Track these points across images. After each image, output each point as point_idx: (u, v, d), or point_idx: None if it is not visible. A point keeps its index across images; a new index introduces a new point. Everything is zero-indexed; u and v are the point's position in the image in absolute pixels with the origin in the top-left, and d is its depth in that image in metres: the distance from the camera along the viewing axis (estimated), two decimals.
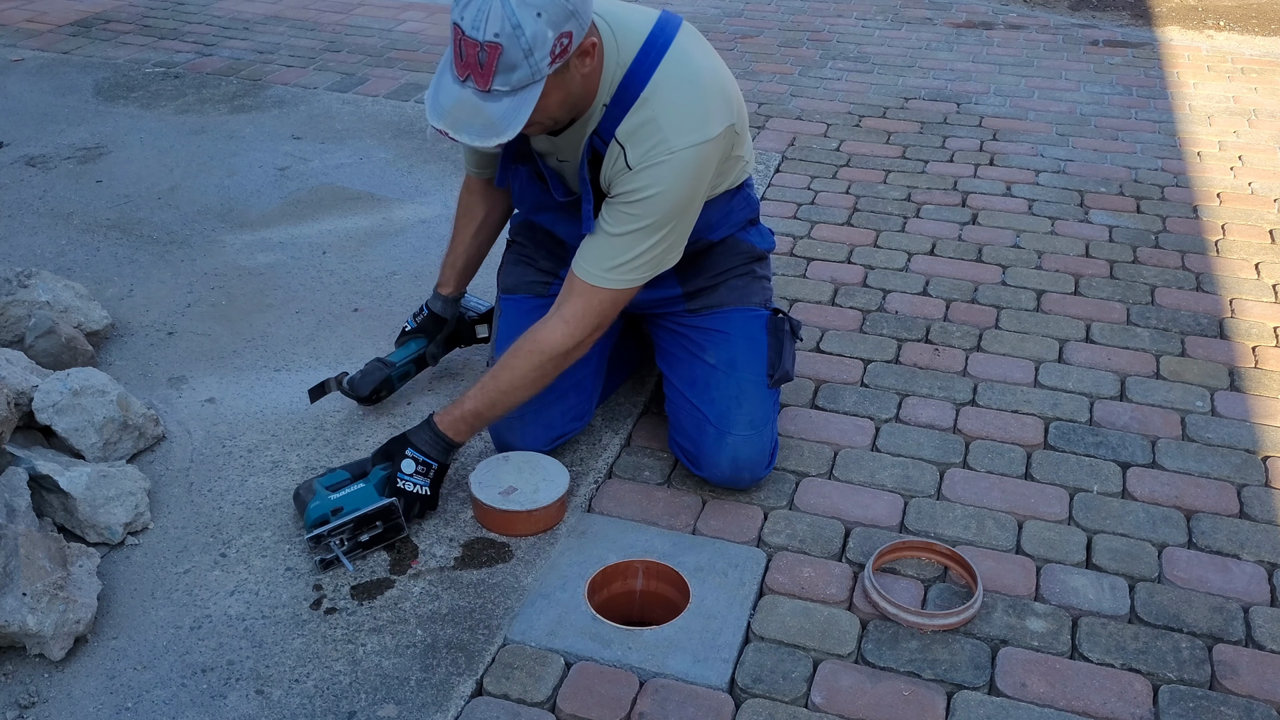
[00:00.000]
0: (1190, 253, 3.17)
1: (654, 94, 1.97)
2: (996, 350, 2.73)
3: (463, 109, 1.85)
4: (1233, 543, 2.16)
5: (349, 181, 3.50)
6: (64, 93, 4.09)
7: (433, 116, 1.88)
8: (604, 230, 2.05)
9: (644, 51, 1.99)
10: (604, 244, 2.05)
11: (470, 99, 1.84)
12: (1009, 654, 1.91)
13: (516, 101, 1.83)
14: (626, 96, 1.98)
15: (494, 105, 1.83)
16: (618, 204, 2.03)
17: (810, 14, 5.16)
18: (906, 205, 3.42)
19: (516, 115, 1.84)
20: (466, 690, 1.83)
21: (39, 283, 2.54)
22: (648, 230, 2.02)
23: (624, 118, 1.98)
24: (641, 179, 1.98)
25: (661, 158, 1.97)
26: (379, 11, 5.07)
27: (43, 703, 1.79)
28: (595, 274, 2.06)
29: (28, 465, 2.06)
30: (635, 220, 2.01)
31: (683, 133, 1.97)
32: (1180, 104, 4.18)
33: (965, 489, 2.29)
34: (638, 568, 2.07)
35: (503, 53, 1.78)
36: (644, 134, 1.97)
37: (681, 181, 2.00)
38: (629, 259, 2.04)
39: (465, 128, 1.86)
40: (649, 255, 2.05)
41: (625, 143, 1.98)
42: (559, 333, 2.07)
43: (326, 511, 2.06)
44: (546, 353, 2.08)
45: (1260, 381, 2.62)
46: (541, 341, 2.08)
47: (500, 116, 1.84)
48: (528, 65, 1.80)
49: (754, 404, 2.22)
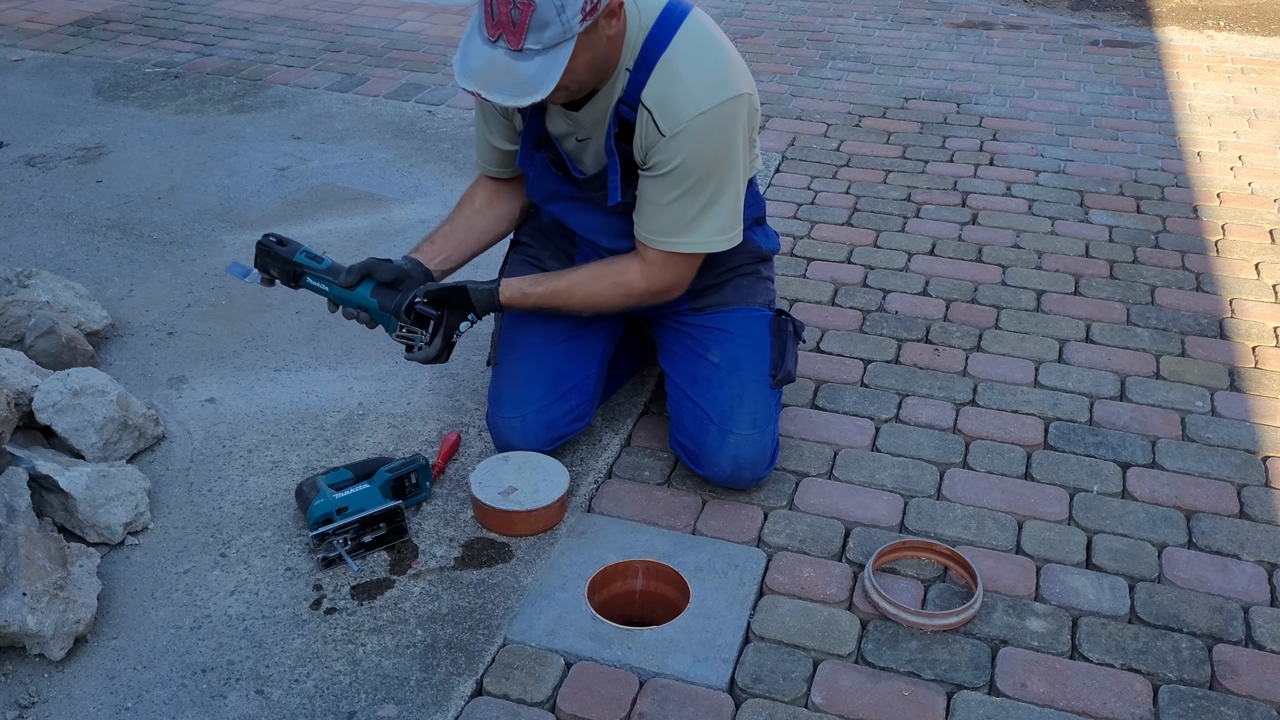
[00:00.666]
0: (1190, 253, 3.17)
1: (675, 54, 1.99)
2: (996, 350, 2.73)
3: (494, 69, 1.85)
4: (1233, 543, 2.16)
5: (349, 181, 3.50)
6: (64, 93, 4.09)
7: (462, 78, 1.88)
8: (650, 201, 2.08)
9: (664, 16, 2.01)
10: (656, 214, 2.08)
11: (501, 59, 1.84)
12: (1009, 654, 1.91)
13: (549, 60, 1.84)
14: (649, 59, 1.99)
15: (526, 64, 1.83)
16: (656, 175, 2.05)
17: (810, 14, 5.16)
18: (906, 205, 3.42)
19: (549, 74, 1.84)
20: (466, 690, 1.83)
21: (39, 283, 2.54)
22: (693, 191, 2.04)
23: (648, 81, 1.99)
24: (674, 145, 2.00)
25: (689, 120, 1.98)
26: (379, 11, 5.07)
27: (43, 703, 1.79)
28: (660, 240, 2.11)
29: (28, 465, 2.06)
30: (678, 185, 2.04)
31: (708, 91, 1.99)
32: (1180, 104, 4.18)
33: (965, 489, 2.29)
34: (638, 568, 2.07)
35: (536, 9, 1.79)
36: (669, 96, 1.98)
37: (713, 140, 2.02)
38: (687, 222, 2.08)
39: (497, 87, 1.86)
40: (706, 216, 2.08)
41: (653, 107, 1.99)
42: (638, 281, 2.16)
43: (331, 510, 2.06)
44: (625, 289, 2.17)
45: (1260, 381, 2.62)
46: (622, 281, 2.16)
47: (532, 75, 1.84)
48: (560, 22, 1.81)
49: (756, 403, 2.22)
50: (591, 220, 2.26)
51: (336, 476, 2.13)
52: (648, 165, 2.06)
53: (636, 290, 2.16)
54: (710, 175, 2.05)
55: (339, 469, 2.16)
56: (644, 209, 2.10)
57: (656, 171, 2.04)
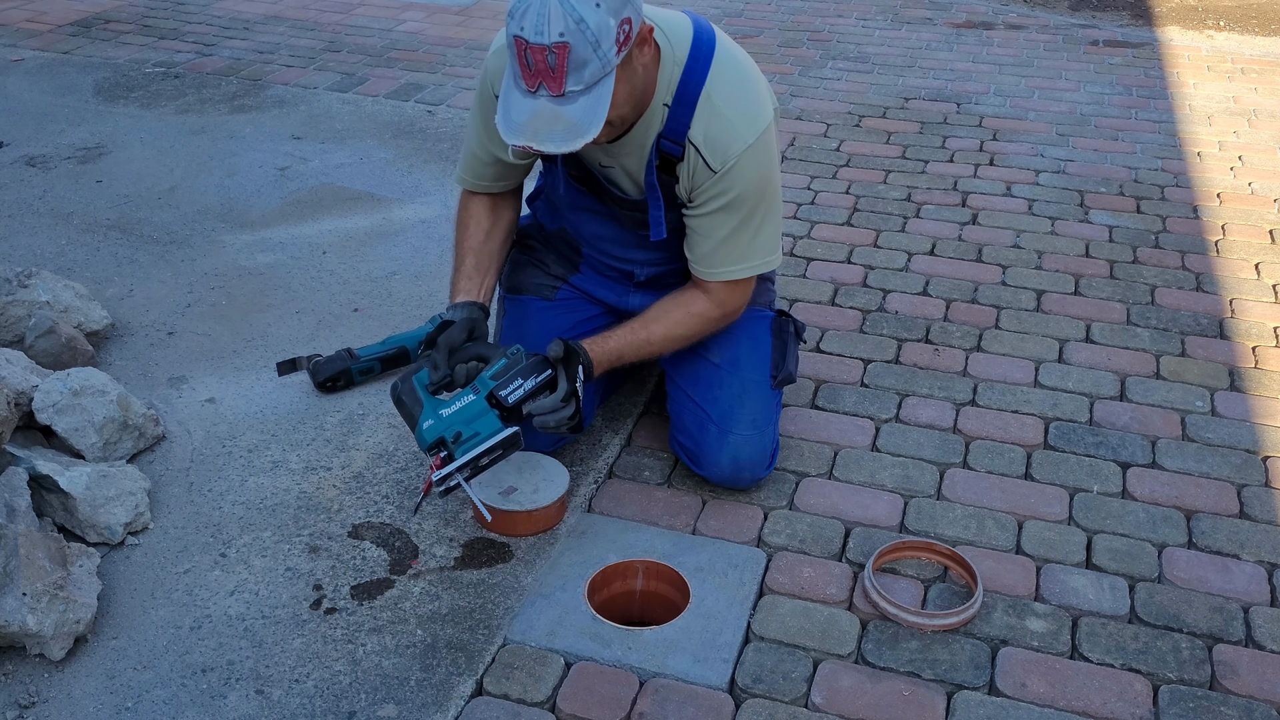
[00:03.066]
0: (1190, 253, 3.17)
1: (715, 88, 1.99)
2: (996, 350, 2.73)
3: (540, 119, 1.83)
4: (1233, 543, 2.16)
5: (349, 181, 3.50)
6: (64, 93, 4.09)
7: (510, 135, 1.85)
8: (706, 236, 2.09)
9: (695, 48, 2.01)
10: (715, 250, 2.10)
11: (546, 107, 1.82)
12: (1009, 654, 1.91)
13: (593, 99, 1.82)
14: (689, 94, 1.99)
15: (571, 107, 1.82)
16: (711, 210, 2.06)
17: (810, 14, 5.16)
18: (906, 205, 3.42)
19: (596, 112, 1.83)
20: (466, 690, 1.83)
21: (39, 283, 2.54)
22: (746, 221, 2.07)
23: (692, 117, 1.99)
24: (727, 181, 2.02)
25: (738, 155, 2.00)
26: (379, 11, 5.07)
27: (43, 703, 1.79)
28: (720, 272, 2.12)
29: (28, 465, 2.06)
30: (733, 217, 2.06)
31: (750, 123, 2.01)
32: (1180, 104, 4.18)
33: (965, 489, 2.28)
34: (638, 568, 2.07)
35: (571, 50, 1.77)
36: (716, 133, 1.99)
37: (762, 167, 2.05)
38: (742, 249, 2.10)
39: (547, 136, 1.84)
40: (761, 239, 2.11)
41: (701, 145, 2.00)
42: (712, 309, 2.18)
43: (445, 435, 1.95)
44: (701, 319, 2.18)
45: (1260, 381, 2.62)
46: (697, 312, 2.17)
47: (580, 117, 1.82)
48: (598, 58, 1.79)
49: (756, 404, 2.22)
50: (606, 231, 2.26)
51: (425, 376, 2.00)
52: (696, 201, 2.06)
53: (712, 317, 2.18)
54: (761, 202, 2.08)
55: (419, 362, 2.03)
56: (698, 244, 2.11)
57: (709, 207, 2.05)
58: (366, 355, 2.53)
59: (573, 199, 2.25)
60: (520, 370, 2.03)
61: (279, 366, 2.52)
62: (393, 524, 2.16)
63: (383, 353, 2.54)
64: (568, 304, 2.37)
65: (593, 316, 2.36)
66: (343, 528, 2.15)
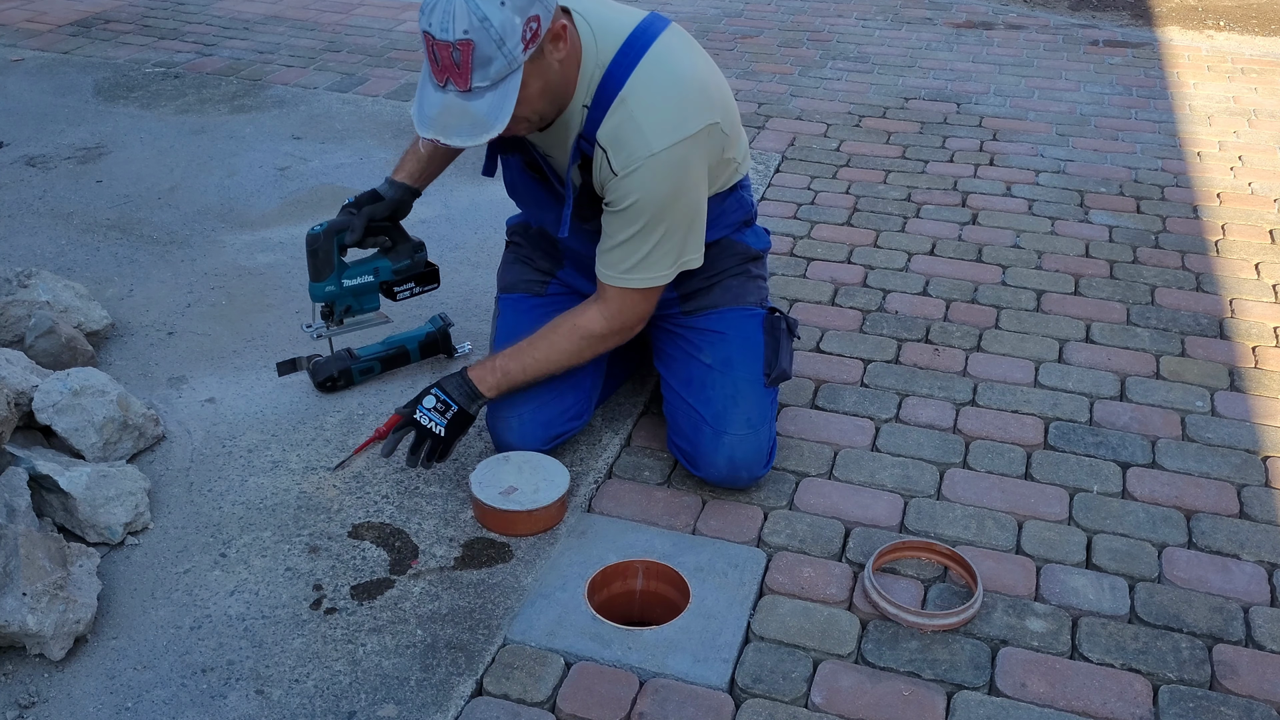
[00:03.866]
0: (1190, 253, 3.17)
1: (631, 94, 1.99)
2: (996, 350, 2.73)
3: (449, 113, 1.87)
4: (1233, 543, 2.16)
5: (349, 181, 3.50)
6: (64, 93, 4.09)
7: (421, 128, 1.90)
8: (608, 236, 2.09)
9: (623, 52, 2.00)
10: (612, 250, 2.09)
11: (454, 102, 1.86)
12: (1009, 654, 1.91)
13: (499, 95, 1.85)
14: (605, 97, 1.99)
15: (478, 103, 1.85)
16: (612, 211, 2.06)
17: (810, 14, 5.16)
18: (906, 205, 3.42)
19: (502, 108, 1.85)
20: (466, 690, 1.83)
21: (39, 283, 2.54)
22: (645, 231, 2.05)
23: (602, 120, 1.99)
24: (626, 185, 2.01)
25: (642, 161, 1.99)
26: (379, 11, 5.07)
27: (43, 703, 1.79)
28: (615, 276, 2.11)
29: (28, 465, 2.06)
30: (632, 224, 2.05)
31: (661, 133, 1.99)
32: (1180, 104, 4.18)
33: (965, 489, 2.29)
34: (638, 568, 2.07)
35: (475, 48, 1.79)
36: (623, 137, 1.99)
37: (666, 182, 2.02)
38: (640, 259, 2.08)
39: (455, 131, 1.88)
40: (659, 253, 2.08)
41: (607, 147, 2.00)
42: (598, 320, 2.15)
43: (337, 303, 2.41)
44: (585, 333, 2.15)
45: (1260, 381, 2.62)
46: (581, 325, 2.16)
47: (486, 113, 1.85)
48: (502, 55, 1.81)
49: (751, 403, 2.22)
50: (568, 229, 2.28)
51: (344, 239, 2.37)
52: (606, 199, 2.07)
53: (596, 331, 2.15)
54: (664, 214, 2.05)
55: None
56: (603, 242, 2.12)
57: (613, 208, 2.06)
58: (366, 355, 2.53)
59: (531, 192, 2.27)
60: (417, 277, 2.48)
61: (279, 366, 2.53)
62: (393, 524, 2.16)
63: (383, 353, 2.55)
64: (559, 299, 2.38)
65: None
66: (343, 528, 2.15)
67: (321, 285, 2.39)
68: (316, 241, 2.35)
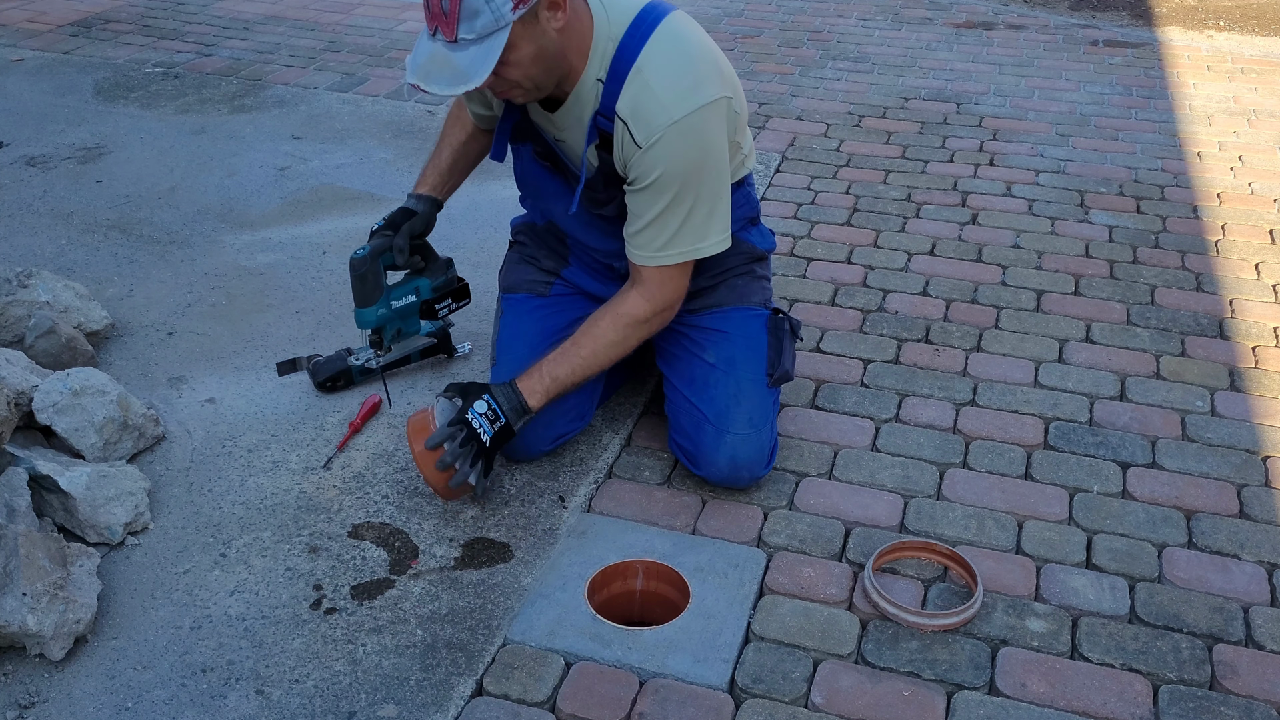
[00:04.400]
0: (1190, 253, 3.17)
1: (647, 63, 1.99)
2: (996, 350, 2.73)
3: (434, 62, 1.89)
4: (1233, 543, 2.16)
5: (349, 181, 3.50)
6: (64, 93, 4.09)
7: (409, 74, 1.92)
8: (638, 216, 2.08)
9: (635, 24, 2.01)
10: (645, 230, 2.08)
11: (440, 51, 1.88)
12: (1009, 654, 1.91)
13: (483, 49, 1.86)
14: (620, 69, 2.00)
15: (461, 54, 1.87)
16: (637, 189, 2.05)
17: (810, 14, 5.16)
18: (906, 205, 3.42)
19: (483, 62, 1.86)
20: (466, 690, 1.83)
21: (39, 283, 2.54)
22: (675, 204, 2.04)
23: (620, 92, 1.99)
24: (652, 157, 2.00)
25: (664, 130, 1.98)
26: (379, 11, 5.07)
27: (43, 703, 1.79)
28: (649, 256, 2.10)
29: (28, 465, 2.06)
30: (660, 198, 2.04)
31: (680, 98, 1.99)
32: (1180, 104, 4.18)
33: (965, 489, 2.28)
34: (638, 568, 2.07)
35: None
36: (642, 107, 1.99)
37: (691, 149, 2.02)
38: (672, 233, 2.07)
39: (436, 78, 1.89)
40: (691, 225, 2.07)
41: (628, 119, 2.00)
42: (640, 304, 2.14)
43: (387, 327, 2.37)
44: (629, 320, 2.14)
45: (1260, 381, 2.62)
46: (624, 312, 2.14)
47: (467, 65, 1.87)
48: (490, 10, 1.83)
49: (753, 403, 2.22)
50: (579, 217, 2.26)
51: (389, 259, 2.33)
52: (630, 179, 2.06)
53: (640, 315, 2.14)
54: (692, 182, 2.04)
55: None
56: (631, 224, 2.11)
57: (639, 185, 2.05)
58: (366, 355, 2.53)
59: (541, 181, 2.27)
60: (453, 294, 2.50)
61: (279, 366, 2.53)
62: (393, 524, 2.16)
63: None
64: (562, 300, 2.38)
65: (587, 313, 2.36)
66: (343, 528, 2.15)
67: (373, 310, 2.33)
68: (364, 265, 2.28)
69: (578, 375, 2.15)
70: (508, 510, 2.21)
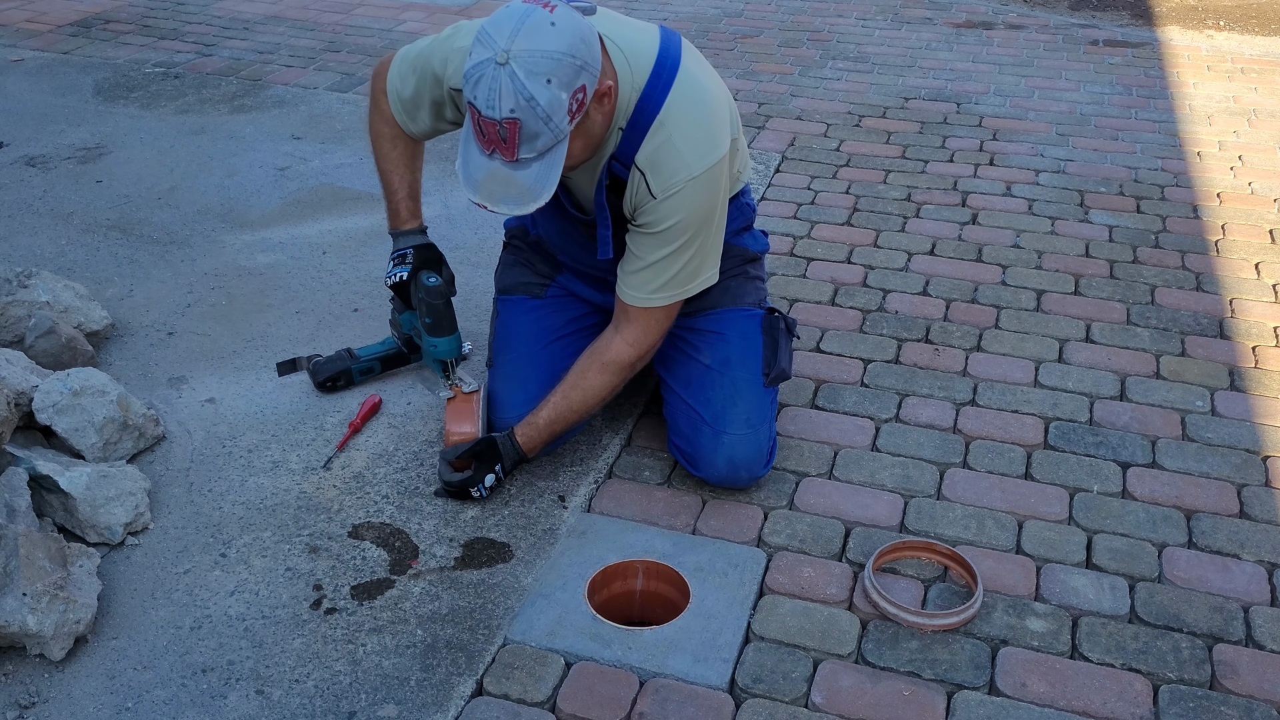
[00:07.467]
0: (1190, 253, 3.17)
1: (669, 117, 1.98)
2: (996, 350, 2.73)
3: (495, 180, 1.88)
4: (1233, 543, 2.16)
5: (349, 181, 3.50)
6: (64, 93, 4.09)
7: (469, 190, 1.91)
8: (638, 258, 2.09)
9: (655, 74, 2.00)
10: (643, 271, 2.09)
11: (500, 170, 1.86)
12: (1009, 654, 1.91)
13: (545, 164, 1.86)
14: (642, 120, 1.99)
15: (524, 172, 1.86)
16: (647, 232, 2.06)
17: (810, 14, 5.16)
18: (906, 205, 3.42)
19: (548, 177, 1.86)
20: (466, 690, 1.83)
21: (39, 283, 2.54)
22: (680, 250, 2.06)
23: (641, 142, 1.99)
24: (667, 207, 2.01)
25: (683, 184, 1.99)
26: (379, 11, 5.07)
27: (43, 703, 1.79)
28: (643, 298, 2.11)
29: (28, 465, 2.06)
30: (668, 244, 2.05)
31: (700, 155, 2.00)
32: (1180, 104, 4.18)
33: (965, 489, 2.28)
34: (638, 568, 2.07)
35: (523, 125, 1.80)
36: (663, 160, 1.98)
37: (704, 201, 2.03)
38: (669, 277, 2.09)
39: (501, 199, 1.89)
40: (688, 270, 2.10)
41: (646, 169, 2.00)
42: (624, 350, 2.16)
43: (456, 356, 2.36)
44: (615, 367, 2.17)
45: (1260, 381, 2.62)
46: (610, 360, 2.17)
47: (533, 182, 1.86)
48: (549, 131, 1.81)
49: (750, 403, 2.22)
50: (574, 237, 2.28)
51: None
52: (636, 220, 2.07)
53: (625, 361, 2.17)
54: (698, 233, 2.07)
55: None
56: (629, 263, 2.11)
57: (646, 230, 2.05)
58: (366, 355, 2.53)
59: (545, 219, 2.28)
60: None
61: (279, 367, 2.53)
62: (393, 524, 2.16)
63: (383, 353, 2.55)
64: (558, 302, 2.38)
65: (583, 315, 2.38)
66: (343, 528, 2.15)
67: (456, 338, 2.35)
68: (446, 294, 2.33)
69: (568, 422, 2.23)
70: (508, 510, 2.21)
